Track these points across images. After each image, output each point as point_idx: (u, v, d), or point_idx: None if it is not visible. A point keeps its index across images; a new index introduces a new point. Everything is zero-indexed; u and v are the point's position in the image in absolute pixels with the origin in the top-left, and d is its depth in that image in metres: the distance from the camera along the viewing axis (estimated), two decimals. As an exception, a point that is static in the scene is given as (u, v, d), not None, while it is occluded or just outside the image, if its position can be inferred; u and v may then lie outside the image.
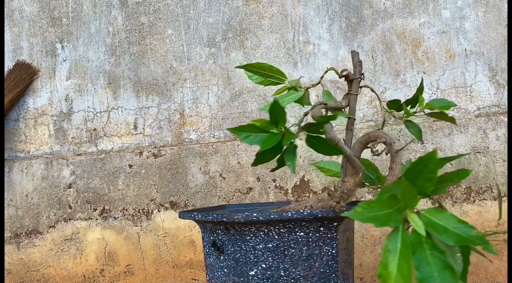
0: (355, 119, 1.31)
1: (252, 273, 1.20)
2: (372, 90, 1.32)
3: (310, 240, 1.19)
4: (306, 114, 1.19)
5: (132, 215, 2.02)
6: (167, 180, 2.00)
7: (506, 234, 1.08)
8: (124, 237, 2.02)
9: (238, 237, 1.22)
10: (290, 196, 1.91)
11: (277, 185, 1.93)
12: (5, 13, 2.15)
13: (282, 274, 1.19)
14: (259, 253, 1.19)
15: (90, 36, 2.10)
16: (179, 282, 1.97)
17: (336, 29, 1.94)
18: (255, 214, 1.17)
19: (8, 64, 2.14)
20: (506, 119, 1.80)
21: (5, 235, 2.08)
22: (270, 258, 1.19)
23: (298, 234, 1.19)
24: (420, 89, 1.26)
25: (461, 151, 1.82)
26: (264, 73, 1.31)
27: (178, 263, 1.97)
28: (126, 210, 2.02)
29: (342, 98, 1.32)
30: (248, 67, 1.30)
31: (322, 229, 1.19)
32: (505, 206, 1.77)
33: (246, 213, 1.18)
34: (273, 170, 1.24)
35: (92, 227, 2.04)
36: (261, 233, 1.19)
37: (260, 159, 1.19)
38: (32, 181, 2.09)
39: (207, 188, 1.97)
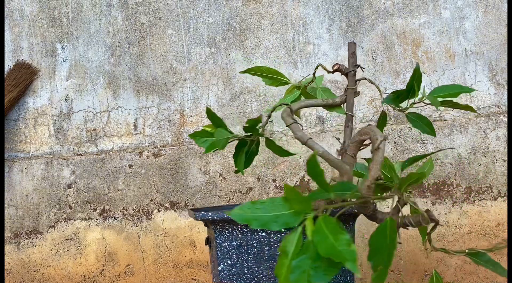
0: (352, 116, 1.26)
1: (219, 268, 1.25)
2: (371, 82, 1.26)
3: (272, 240, 1.22)
4: (268, 116, 1.21)
5: (132, 215, 2.02)
6: (167, 180, 2.00)
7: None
8: (124, 237, 2.02)
9: (213, 234, 1.28)
10: (290, 196, 1.91)
11: (277, 185, 1.93)
12: (5, 13, 2.15)
13: (246, 271, 1.23)
14: (225, 250, 1.24)
15: (90, 36, 2.10)
16: (179, 282, 1.97)
17: (336, 29, 1.94)
18: (210, 213, 1.23)
19: (8, 64, 2.14)
20: (506, 119, 1.80)
21: (5, 235, 2.08)
22: (234, 256, 1.24)
23: (260, 234, 1.22)
24: (415, 76, 1.17)
25: (461, 151, 1.82)
26: (265, 74, 1.33)
27: (178, 263, 1.97)
28: (126, 210, 2.02)
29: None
30: (249, 72, 1.32)
31: (283, 230, 1.21)
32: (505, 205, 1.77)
33: (203, 212, 1.24)
34: (236, 172, 1.31)
35: (92, 227, 2.04)
36: (226, 232, 1.24)
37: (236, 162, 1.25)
38: (32, 181, 2.09)
39: (207, 188, 1.97)
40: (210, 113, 1.18)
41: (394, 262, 1.83)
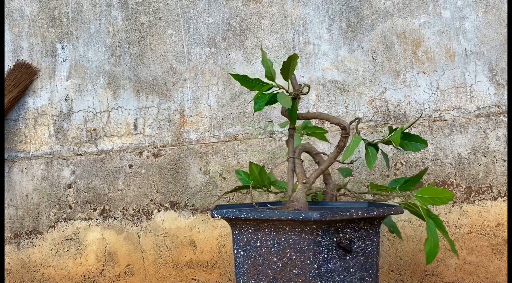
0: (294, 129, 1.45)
1: (379, 263, 1.36)
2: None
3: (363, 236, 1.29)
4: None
5: (132, 215, 2.02)
6: (167, 180, 2.00)
7: None
8: (124, 237, 2.02)
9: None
10: (290, 196, 1.91)
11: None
12: (5, 13, 2.15)
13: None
14: (380, 243, 1.37)
15: (90, 36, 2.10)
16: (179, 282, 1.97)
17: (336, 29, 1.94)
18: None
19: (8, 64, 2.14)
20: (506, 119, 1.80)
21: (5, 235, 2.08)
22: (379, 247, 1.31)
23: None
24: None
25: (461, 151, 1.82)
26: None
27: (178, 263, 1.97)
28: (126, 210, 2.02)
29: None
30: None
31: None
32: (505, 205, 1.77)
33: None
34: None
35: (92, 227, 2.04)
36: (380, 226, 1.31)
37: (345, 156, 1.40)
38: (32, 181, 2.09)
39: (207, 188, 1.97)
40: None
41: (394, 262, 1.83)
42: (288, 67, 1.33)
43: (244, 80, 1.41)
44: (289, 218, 1.15)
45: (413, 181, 1.44)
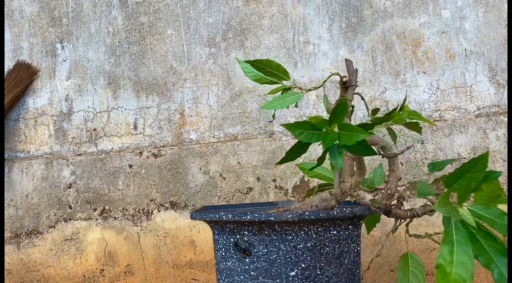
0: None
1: (292, 273, 1.17)
2: (362, 98, 1.39)
3: (341, 238, 1.21)
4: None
5: (132, 215, 2.02)
6: (167, 180, 2.00)
7: None
8: (124, 237, 2.02)
9: (276, 237, 1.18)
10: (290, 196, 1.91)
11: (277, 185, 1.93)
12: (5, 13, 2.15)
13: (318, 272, 1.19)
14: (300, 252, 1.17)
15: (90, 36, 2.10)
16: (179, 282, 1.97)
17: (336, 29, 1.94)
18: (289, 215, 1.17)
19: (8, 64, 2.14)
20: (506, 119, 1.80)
21: (5, 235, 2.08)
22: (308, 257, 1.18)
23: (332, 232, 1.20)
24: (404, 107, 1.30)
25: (461, 151, 1.82)
26: (269, 71, 1.31)
27: (178, 263, 1.97)
28: (126, 210, 2.02)
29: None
30: (256, 63, 1.30)
31: (350, 227, 1.23)
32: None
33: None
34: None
35: (92, 227, 2.04)
36: (302, 233, 1.17)
37: (288, 157, 1.19)
38: (32, 181, 2.09)
39: (207, 188, 1.97)
40: (343, 105, 1.13)
41: (394, 262, 1.83)
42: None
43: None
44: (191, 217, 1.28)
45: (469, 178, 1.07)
